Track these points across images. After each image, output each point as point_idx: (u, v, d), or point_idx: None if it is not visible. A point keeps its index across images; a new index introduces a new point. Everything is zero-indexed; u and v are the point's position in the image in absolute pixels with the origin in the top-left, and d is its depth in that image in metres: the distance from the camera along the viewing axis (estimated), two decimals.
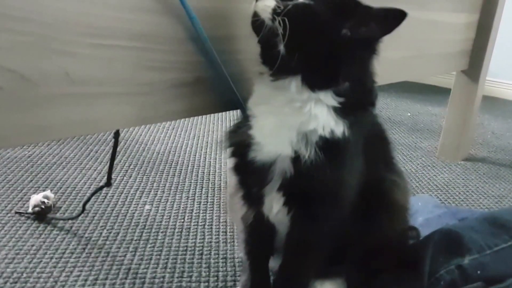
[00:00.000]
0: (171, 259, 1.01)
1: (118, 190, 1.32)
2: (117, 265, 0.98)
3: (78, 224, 1.13)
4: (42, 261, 0.98)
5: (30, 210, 1.14)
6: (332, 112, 0.67)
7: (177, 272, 0.97)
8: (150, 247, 1.05)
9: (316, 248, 0.76)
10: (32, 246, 1.03)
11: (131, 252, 1.03)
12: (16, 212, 1.16)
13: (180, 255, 1.03)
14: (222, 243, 1.09)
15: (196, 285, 0.94)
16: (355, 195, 0.73)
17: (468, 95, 1.65)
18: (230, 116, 2.08)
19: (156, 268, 0.98)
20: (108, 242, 1.07)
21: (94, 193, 1.07)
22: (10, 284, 0.90)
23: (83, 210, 1.11)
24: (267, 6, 0.64)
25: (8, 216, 1.15)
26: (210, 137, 1.84)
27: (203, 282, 0.94)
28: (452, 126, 1.72)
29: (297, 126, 0.66)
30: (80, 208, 1.11)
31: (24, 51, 0.54)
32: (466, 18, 1.48)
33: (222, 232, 1.13)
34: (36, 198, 1.16)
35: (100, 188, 1.03)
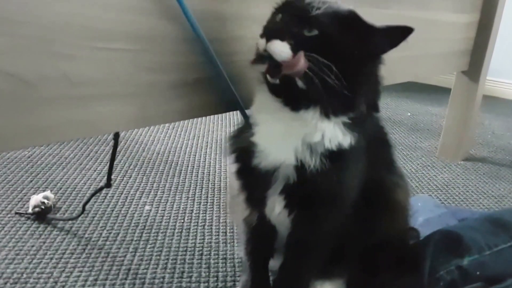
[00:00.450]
0: (171, 260, 1.01)
1: (118, 191, 1.32)
2: (117, 265, 0.99)
3: (78, 224, 1.13)
4: (42, 261, 0.98)
5: (30, 211, 1.14)
6: (341, 126, 0.66)
7: (177, 273, 0.97)
8: (150, 248, 1.05)
9: (317, 249, 0.76)
10: (32, 246, 1.03)
11: (131, 252, 1.03)
12: (16, 213, 1.16)
13: (180, 255, 1.03)
14: (222, 243, 1.09)
15: (196, 285, 0.94)
16: (356, 196, 0.73)
17: (469, 95, 1.65)
18: (230, 116, 2.08)
19: (156, 268, 0.98)
20: (108, 243, 1.07)
21: (94, 193, 1.07)
22: (10, 284, 0.90)
23: (83, 210, 1.11)
24: (283, 51, 0.60)
25: (8, 217, 1.15)
26: (210, 137, 1.84)
27: (203, 283, 0.94)
28: (452, 126, 1.72)
29: (302, 136, 0.66)
30: (80, 209, 1.11)
31: (23, 54, 0.54)
32: (467, 18, 1.48)
33: (222, 232, 1.13)
34: (36, 199, 1.16)
35: (100, 188, 1.03)
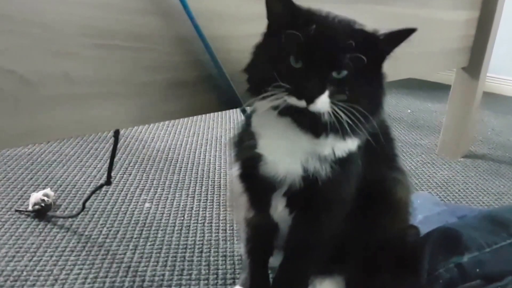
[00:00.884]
0: (171, 257, 1.02)
1: (118, 188, 1.32)
2: (117, 263, 0.99)
3: (78, 222, 1.13)
4: (42, 259, 0.98)
5: (30, 208, 1.15)
6: (352, 137, 0.66)
7: (176, 270, 0.97)
8: (150, 245, 1.06)
9: (317, 248, 0.76)
10: (32, 244, 1.03)
11: (131, 250, 1.04)
12: (16, 210, 1.16)
13: (180, 253, 1.03)
14: (222, 241, 1.09)
15: (195, 283, 0.94)
16: (355, 193, 0.73)
17: (468, 92, 1.65)
18: (230, 114, 2.08)
19: (156, 266, 0.98)
20: (108, 240, 1.07)
21: (94, 191, 1.07)
22: (11, 282, 0.91)
23: (83, 208, 1.11)
24: (325, 102, 0.60)
25: (8, 214, 1.15)
26: (210, 134, 1.84)
27: (203, 280, 0.95)
28: (452, 123, 1.72)
29: (310, 150, 0.65)
30: (80, 206, 1.12)
31: (24, 52, 0.54)
32: (467, 15, 1.47)
33: (222, 230, 1.13)
34: (36, 196, 1.16)
35: (100, 186, 1.03)
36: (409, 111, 2.39)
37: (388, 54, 0.65)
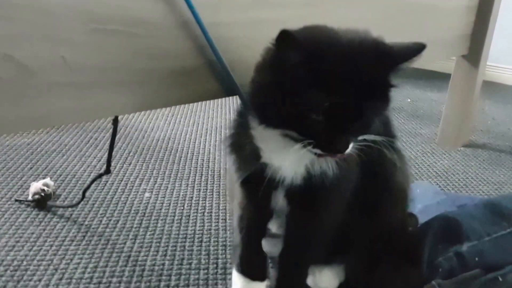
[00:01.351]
0: (171, 247, 1.02)
1: (118, 178, 1.32)
2: (117, 252, 0.99)
3: (78, 211, 1.13)
4: (42, 248, 0.98)
5: (30, 198, 1.15)
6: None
7: (176, 259, 0.98)
8: (149, 235, 1.06)
9: (316, 238, 0.76)
10: (32, 233, 1.03)
11: (131, 239, 1.04)
12: (16, 200, 1.16)
13: (180, 242, 1.04)
14: (222, 230, 1.09)
15: (195, 272, 0.94)
16: (355, 181, 0.73)
17: (468, 81, 1.64)
18: (230, 104, 2.08)
19: (156, 255, 0.99)
20: (108, 230, 1.07)
21: (94, 180, 1.06)
22: (11, 272, 0.91)
23: (83, 197, 1.11)
24: (349, 149, 0.60)
25: (8, 204, 1.15)
26: (210, 124, 1.84)
27: (203, 269, 0.95)
28: (452, 112, 1.71)
29: (315, 158, 0.64)
30: (80, 196, 1.11)
31: (22, 38, 0.54)
32: (466, 2, 1.46)
33: (221, 219, 1.13)
34: (36, 186, 1.16)
35: (100, 175, 1.03)
36: (409, 100, 2.38)
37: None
